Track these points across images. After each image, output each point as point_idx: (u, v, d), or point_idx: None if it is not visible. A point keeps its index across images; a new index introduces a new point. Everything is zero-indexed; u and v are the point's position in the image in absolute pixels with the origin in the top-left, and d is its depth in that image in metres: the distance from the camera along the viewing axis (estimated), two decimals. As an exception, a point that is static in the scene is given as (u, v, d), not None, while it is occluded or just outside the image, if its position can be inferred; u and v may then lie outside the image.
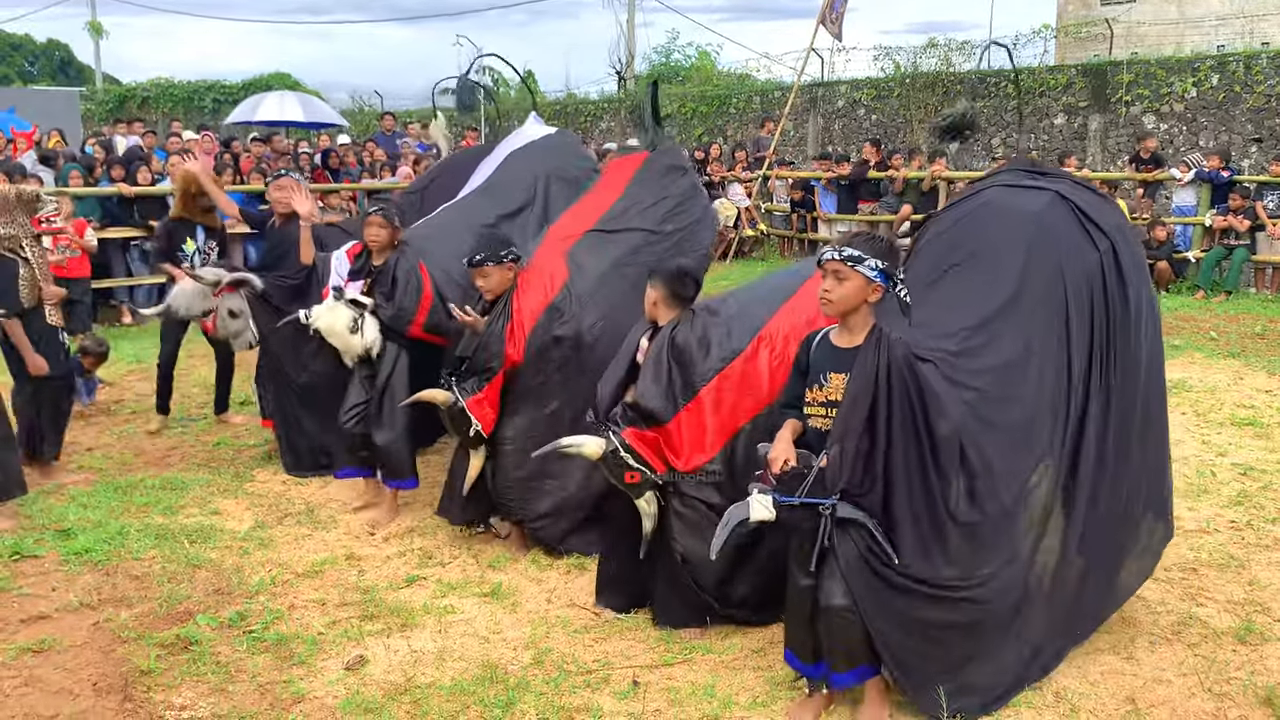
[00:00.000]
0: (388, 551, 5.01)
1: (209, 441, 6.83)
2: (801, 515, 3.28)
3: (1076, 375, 3.63)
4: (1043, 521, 3.54)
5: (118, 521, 5.27)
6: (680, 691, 3.68)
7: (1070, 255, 3.73)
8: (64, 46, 49.49)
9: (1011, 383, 3.52)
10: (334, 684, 3.77)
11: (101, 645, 4.04)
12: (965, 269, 3.79)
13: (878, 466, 3.22)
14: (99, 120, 25.94)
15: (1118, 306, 3.72)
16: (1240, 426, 6.88)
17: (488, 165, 6.29)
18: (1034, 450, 3.52)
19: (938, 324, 3.60)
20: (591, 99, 24.72)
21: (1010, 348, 3.57)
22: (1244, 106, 15.02)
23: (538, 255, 5.03)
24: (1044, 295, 3.65)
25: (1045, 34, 20.94)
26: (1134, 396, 3.76)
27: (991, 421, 3.43)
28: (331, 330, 5.28)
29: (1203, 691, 3.64)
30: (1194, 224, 12.42)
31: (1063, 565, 3.63)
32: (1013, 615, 3.49)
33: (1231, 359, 8.88)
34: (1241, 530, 5.12)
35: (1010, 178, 4.14)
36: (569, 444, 4.04)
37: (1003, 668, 3.53)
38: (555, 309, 4.77)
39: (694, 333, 4.01)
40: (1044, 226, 3.78)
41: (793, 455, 3.34)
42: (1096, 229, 3.80)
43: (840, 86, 19.47)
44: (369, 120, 23.88)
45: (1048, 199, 3.88)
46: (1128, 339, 3.73)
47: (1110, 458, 3.68)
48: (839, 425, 3.28)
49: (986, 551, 3.38)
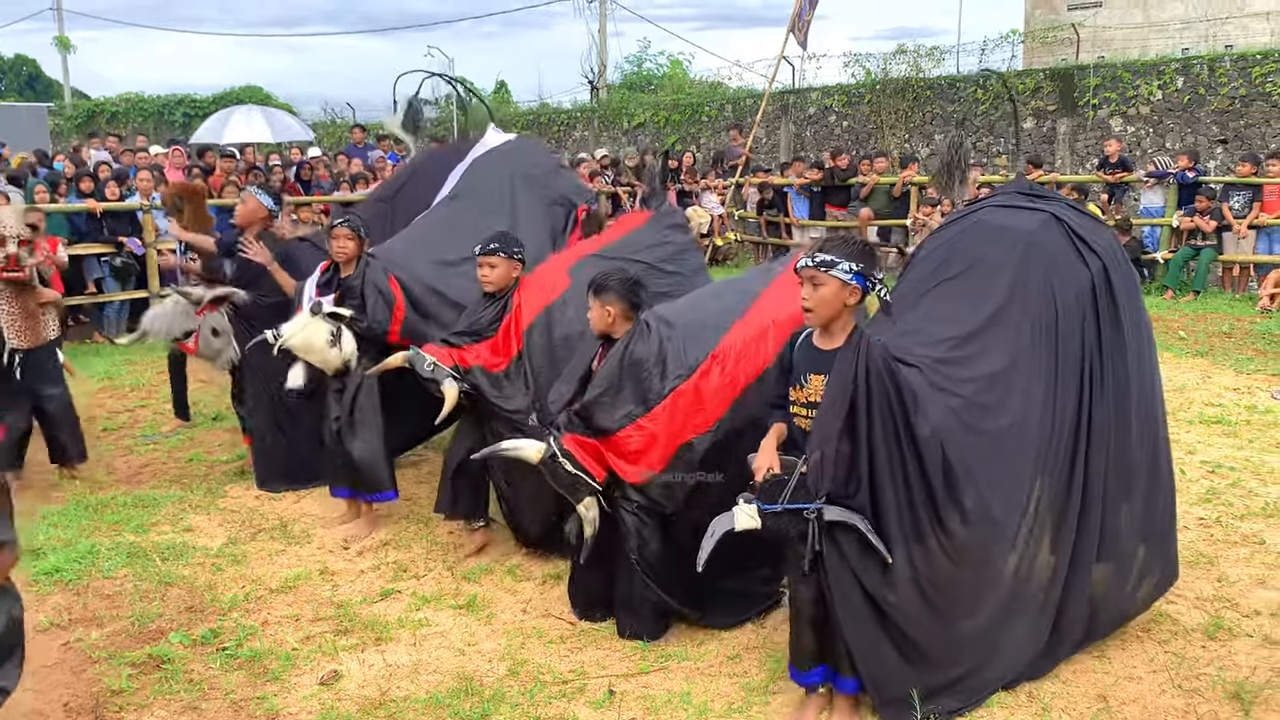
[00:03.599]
0: (362, 565, 4.99)
1: (181, 458, 6.78)
2: (788, 521, 3.28)
3: (1068, 391, 3.65)
4: (1029, 532, 3.55)
5: (88, 540, 5.22)
6: (656, 700, 3.69)
7: (1062, 273, 3.77)
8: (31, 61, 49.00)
9: (997, 393, 3.54)
10: (308, 699, 3.75)
11: (72, 665, 4.01)
12: (956, 283, 3.84)
13: (861, 468, 3.24)
14: (68, 135, 25.71)
15: (1109, 325, 3.76)
16: (1208, 424, 6.97)
17: (454, 176, 6.34)
18: (1020, 462, 3.53)
19: (926, 333, 3.64)
20: (565, 108, 24.72)
21: (997, 360, 3.59)
22: (1209, 109, 15.20)
23: (541, 267, 5.16)
24: (1034, 311, 3.68)
25: (1013, 39, 21.10)
26: (1128, 412, 3.78)
27: (977, 429, 3.44)
28: (309, 347, 5.22)
29: (1173, 688, 3.68)
30: (1162, 225, 12.57)
31: (1051, 579, 3.64)
32: (991, 626, 3.51)
33: (1199, 358, 8.99)
34: (1210, 527, 5.18)
35: (1006, 198, 4.20)
36: (509, 447, 4.09)
37: (983, 680, 3.55)
38: (554, 310, 4.87)
39: (650, 347, 4.03)
40: (1036, 244, 3.82)
41: (776, 462, 3.36)
42: (1089, 249, 3.84)
43: (811, 93, 19.56)
44: (341, 133, 23.76)
45: (1041, 219, 3.93)
46: (1122, 357, 3.77)
47: (1102, 477, 3.69)
48: (818, 428, 3.30)
49: (969, 557, 3.39)
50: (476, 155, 6.45)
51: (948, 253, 3.99)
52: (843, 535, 3.25)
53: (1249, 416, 7.16)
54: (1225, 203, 12.02)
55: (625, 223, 5.92)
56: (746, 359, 4.07)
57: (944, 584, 3.36)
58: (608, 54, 26.99)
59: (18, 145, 15.49)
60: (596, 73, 25.98)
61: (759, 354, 4.09)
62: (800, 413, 3.45)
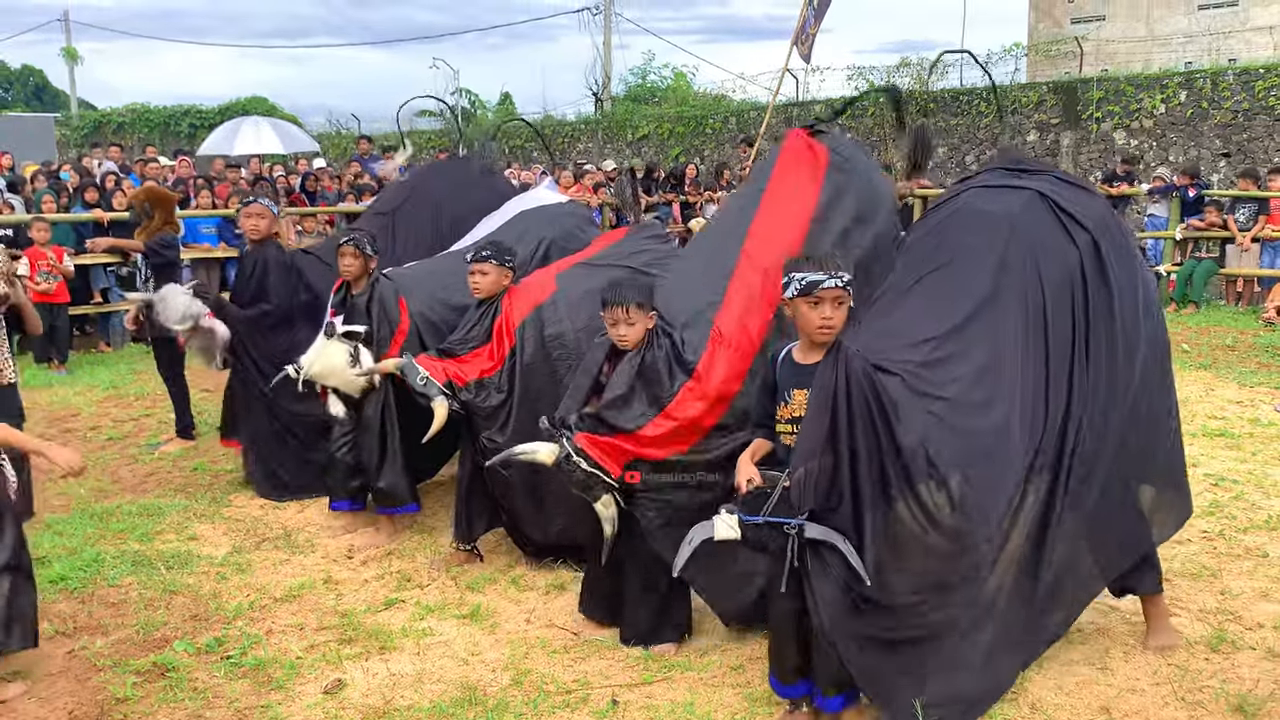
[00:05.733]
0: (366, 575, 5.00)
1: (186, 466, 6.79)
2: (768, 535, 3.29)
3: (1060, 377, 3.62)
4: (1021, 525, 3.53)
5: (94, 548, 5.23)
6: (659, 710, 3.69)
7: (1049, 255, 3.71)
8: (38, 72, 49.29)
9: (985, 389, 3.50)
10: (312, 708, 3.76)
11: (77, 673, 4.02)
12: (938, 276, 3.79)
13: (843, 482, 3.22)
14: (74, 146, 25.80)
15: (1100, 301, 3.70)
16: (1212, 437, 6.97)
17: (494, 219, 6.26)
18: (1010, 457, 3.49)
19: (907, 333, 3.60)
20: (569, 120, 24.78)
21: (982, 354, 3.55)
22: (1212, 122, 15.24)
23: (529, 277, 5.21)
24: (1019, 299, 3.64)
25: (1016, 52, 21.19)
26: (1125, 390, 3.73)
27: (962, 430, 3.40)
28: (330, 371, 5.23)
29: (1176, 700, 3.67)
30: (1164, 238, 12.59)
31: (1042, 568, 3.61)
32: (986, 624, 3.49)
33: (1203, 370, 8.99)
34: (1214, 540, 5.18)
35: (990, 177, 4.13)
36: (522, 451, 4.07)
37: (980, 677, 3.53)
38: (545, 309, 4.90)
39: (659, 352, 4.06)
40: (1019, 229, 3.76)
41: (756, 475, 3.37)
42: (1076, 224, 3.77)
43: (815, 106, 19.62)
44: (346, 144, 23.84)
45: (1025, 199, 3.87)
46: (1113, 330, 3.70)
47: (1097, 460, 3.66)
48: (801, 443, 3.30)
49: (956, 559, 3.38)
50: (526, 208, 6.34)
51: (933, 242, 3.95)
52: (826, 550, 3.23)
53: (1252, 430, 7.16)
54: (1231, 215, 12.05)
55: (604, 239, 5.90)
56: (750, 319, 4.11)
57: (933, 582, 3.35)
58: (612, 66, 27.11)
59: (24, 155, 15.56)
60: (601, 85, 26.05)
61: (760, 312, 4.13)
62: (786, 430, 3.45)
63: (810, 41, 12.90)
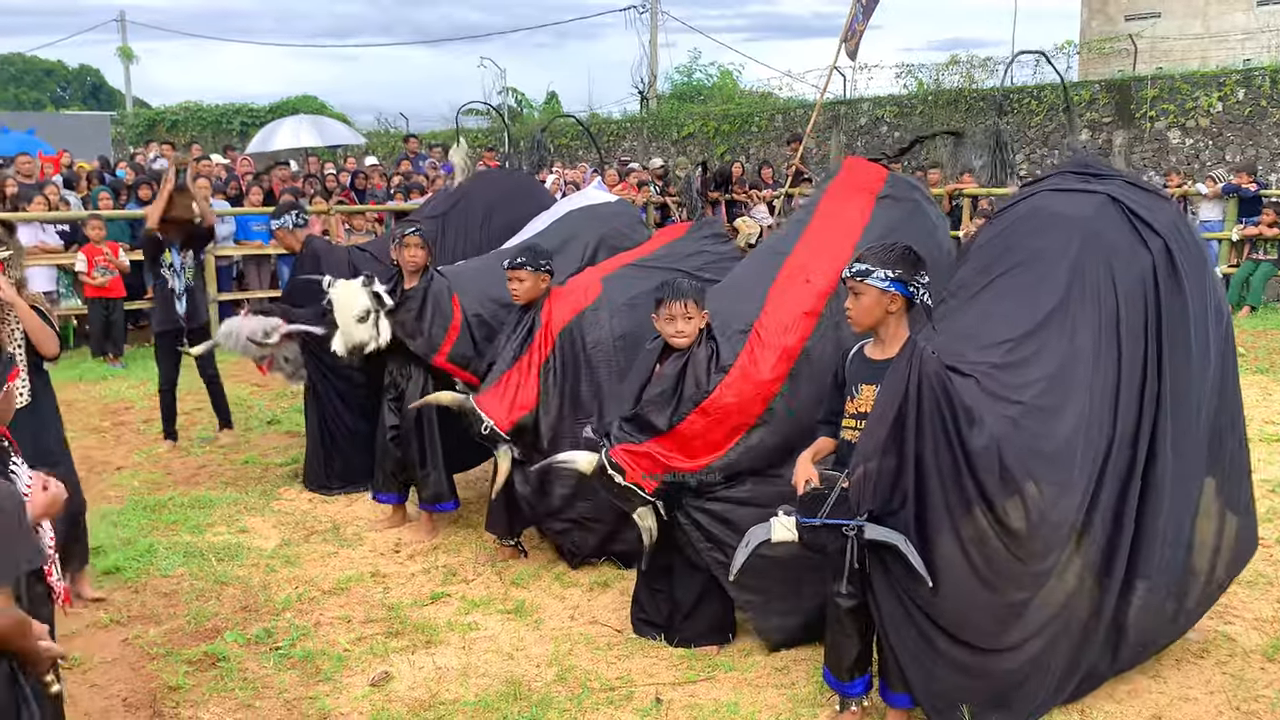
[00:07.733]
0: (412, 569, 5.04)
1: (237, 460, 6.90)
2: (827, 537, 3.26)
3: (1131, 384, 3.55)
4: (1087, 541, 3.45)
5: (147, 539, 5.34)
6: (703, 709, 3.69)
7: (1122, 260, 3.64)
8: (95, 72, 50.22)
9: (1058, 395, 3.43)
10: (359, 700, 3.80)
11: (131, 662, 4.10)
12: (1011, 278, 3.73)
13: (907, 483, 3.17)
14: (129, 143, 26.27)
15: (1174, 308, 3.63)
16: (1269, 443, 6.82)
17: (543, 219, 6.27)
18: (1081, 466, 3.42)
19: (982, 335, 3.55)
20: (615, 118, 24.81)
21: (1056, 360, 3.48)
22: (1270, 120, 14.89)
23: (575, 278, 5.20)
24: (1094, 304, 3.57)
25: (1068, 50, 20.84)
26: (1198, 399, 3.66)
27: (1036, 434, 3.34)
28: (340, 304, 5.24)
29: (1230, 709, 3.61)
30: (1221, 239, 12.34)
31: (1108, 588, 3.54)
32: (1043, 634, 3.43)
33: (1260, 375, 8.81)
34: (1270, 548, 5.06)
35: (1061, 180, 4.07)
36: (563, 460, 4.10)
37: (1031, 692, 3.47)
38: (587, 315, 4.89)
39: (705, 353, 4.04)
40: (1093, 232, 3.70)
41: (814, 475, 3.33)
42: (1149, 229, 3.70)
43: (863, 104, 19.46)
44: (394, 142, 24.05)
45: (1098, 202, 3.80)
46: (1187, 338, 3.64)
47: (1167, 472, 3.58)
48: (865, 440, 3.25)
49: (1025, 569, 3.32)
50: (574, 207, 6.35)
51: (1004, 243, 3.88)
52: (888, 551, 3.20)
53: (1311, 435, 7.00)
54: (1289, 215, 11.80)
55: (664, 234, 5.92)
56: (791, 325, 4.10)
57: (999, 590, 3.30)
58: (658, 64, 27.09)
59: (80, 153, 15.85)
60: (647, 83, 26.05)
61: (800, 321, 4.11)
62: (851, 424, 3.43)
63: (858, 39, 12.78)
